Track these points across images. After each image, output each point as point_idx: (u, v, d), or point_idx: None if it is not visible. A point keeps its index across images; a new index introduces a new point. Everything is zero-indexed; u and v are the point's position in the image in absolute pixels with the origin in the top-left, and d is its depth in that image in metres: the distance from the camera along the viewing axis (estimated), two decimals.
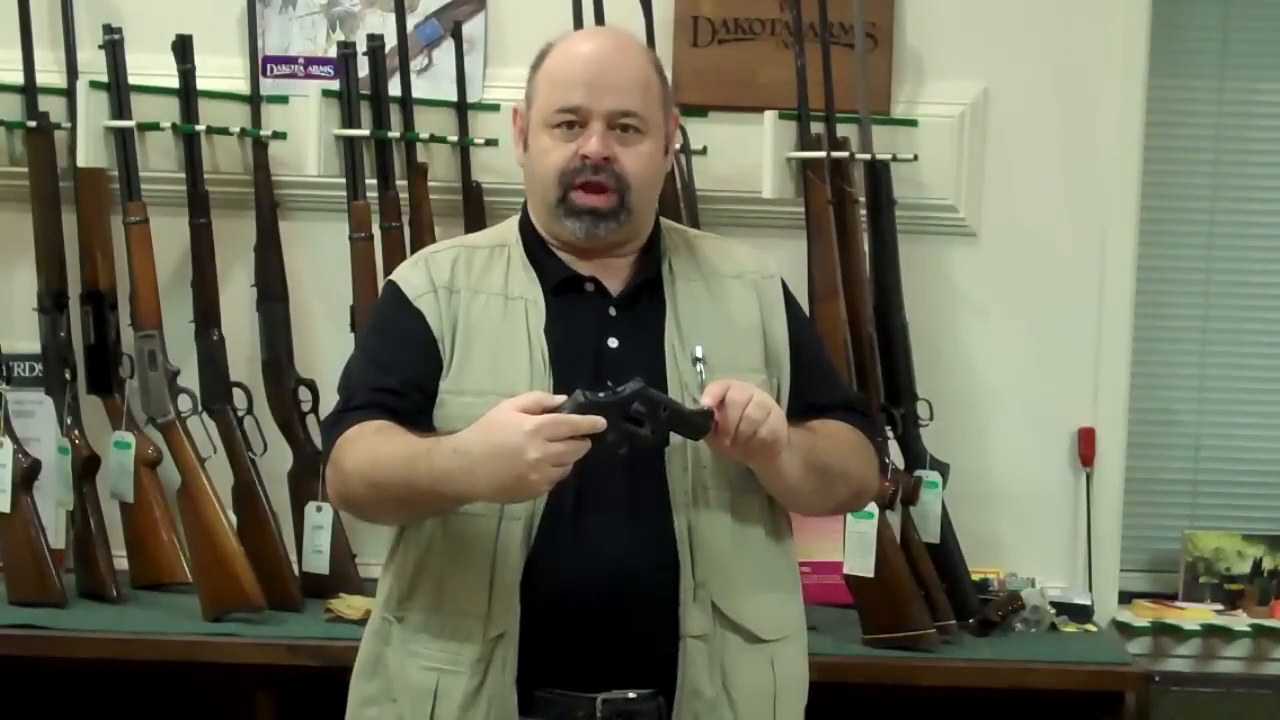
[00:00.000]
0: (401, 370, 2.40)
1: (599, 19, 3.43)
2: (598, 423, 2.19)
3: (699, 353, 2.39)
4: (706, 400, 2.28)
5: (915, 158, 3.55)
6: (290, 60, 3.65)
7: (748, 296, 2.49)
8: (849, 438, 2.51)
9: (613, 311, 2.43)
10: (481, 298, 2.42)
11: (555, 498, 2.33)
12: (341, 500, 2.44)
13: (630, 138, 2.39)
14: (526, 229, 2.49)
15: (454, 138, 3.56)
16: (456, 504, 2.30)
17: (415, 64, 3.59)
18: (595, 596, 2.34)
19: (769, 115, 3.46)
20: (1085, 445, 3.67)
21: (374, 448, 2.34)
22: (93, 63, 3.47)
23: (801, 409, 2.47)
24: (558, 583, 2.35)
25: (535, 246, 2.47)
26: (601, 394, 2.22)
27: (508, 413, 2.20)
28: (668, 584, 2.36)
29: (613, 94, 2.38)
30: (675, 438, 2.32)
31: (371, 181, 3.49)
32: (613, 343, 2.41)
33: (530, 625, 2.35)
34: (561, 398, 2.22)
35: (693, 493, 2.37)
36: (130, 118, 3.41)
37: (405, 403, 2.38)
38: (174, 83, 3.45)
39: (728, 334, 2.45)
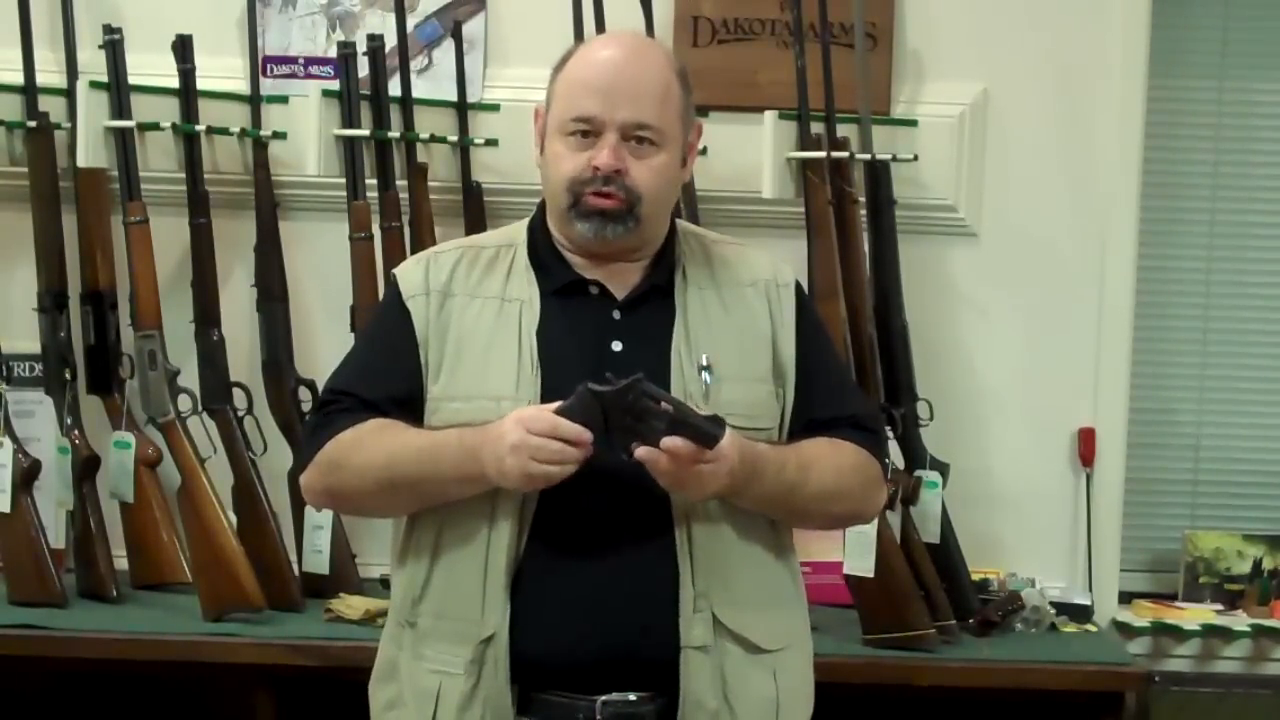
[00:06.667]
0: (383, 385, 2.43)
1: (599, 19, 3.43)
2: (584, 433, 2.22)
3: (705, 361, 2.39)
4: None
5: (915, 158, 3.55)
6: (290, 60, 3.65)
7: (760, 306, 2.48)
8: (847, 460, 2.48)
9: (616, 315, 2.43)
10: (477, 302, 2.43)
11: (549, 504, 2.34)
12: (331, 496, 2.48)
13: (644, 150, 2.38)
14: (536, 230, 2.49)
15: (454, 138, 3.56)
16: (477, 485, 2.32)
17: (415, 64, 3.59)
18: (594, 603, 2.34)
19: (769, 115, 3.46)
20: (1085, 445, 3.67)
21: (384, 443, 2.37)
22: (93, 63, 3.47)
23: (803, 424, 2.47)
24: (555, 588, 2.35)
25: (544, 248, 2.46)
26: (607, 387, 2.23)
27: (523, 406, 2.28)
28: (668, 594, 2.36)
29: (628, 105, 2.36)
30: None
31: (371, 181, 3.49)
32: (616, 346, 2.40)
33: (528, 629, 2.35)
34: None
35: (693, 503, 2.36)
36: (130, 118, 3.41)
37: (385, 415, 2.41)
38: (174, 83, 3.46)
39: (737, 344, 2.44)
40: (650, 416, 2.23)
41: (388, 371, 2.43)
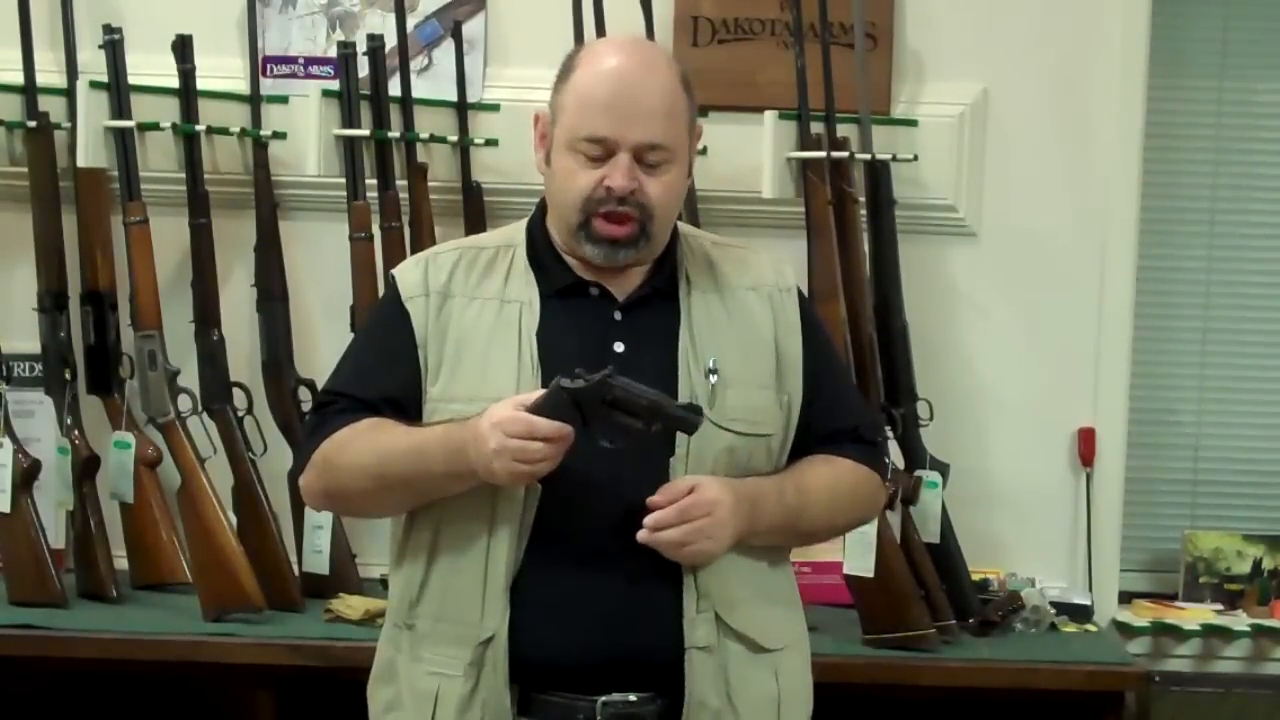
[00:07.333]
0: (380, 386, 2.42)
1: (599, 19, 3.43)
2: (562, 429, 2.23)
3: (712, 364, 2.39)
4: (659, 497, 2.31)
5: (915, 158, 3.55)
6: (290, 60, 3.65)
7: (763, 310, 2.48)
8: (845, 477, 2.49)
9: (618, 315, 2.43)
10: (476, 303, 2.42)
11: (550, 508, 2.34)
12: (327, 497, 2.48)
13: (656, 167, 2.37)
14: (535, 231, 2.48)
15: (454, 138, 3.56)
16: (467, 480, 2.32)
17: (415, 64, 3.59)
18: (595, 606, 2.34)
19: (769, 115, 3.46)
20: (1085, 445, 3.67)
21: (375, 442, 2.37)
22: (93, 63, 3.47)
23: (805, 430, 2.47)
24: (555, 592, 2.35)
25: (543, 249, 2.46)
26: (580, 383, 2.24)
27: (499, 404, 2.27)
28: (670, 595, 2.36)
29: (640, 125, 2.34)
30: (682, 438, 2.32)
31: (371, 181, 3.49)
32: (619, 347, 2.40)
33: (528, 631, 2.35)
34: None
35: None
36: (130, 118, 3.41)
37: (381, 415, 2.41)
38: (174, 83, 3.46)
39: (740, 348, 2.44)
40: (626, 407, 2.24)
41: (385, 372, 2.43)
